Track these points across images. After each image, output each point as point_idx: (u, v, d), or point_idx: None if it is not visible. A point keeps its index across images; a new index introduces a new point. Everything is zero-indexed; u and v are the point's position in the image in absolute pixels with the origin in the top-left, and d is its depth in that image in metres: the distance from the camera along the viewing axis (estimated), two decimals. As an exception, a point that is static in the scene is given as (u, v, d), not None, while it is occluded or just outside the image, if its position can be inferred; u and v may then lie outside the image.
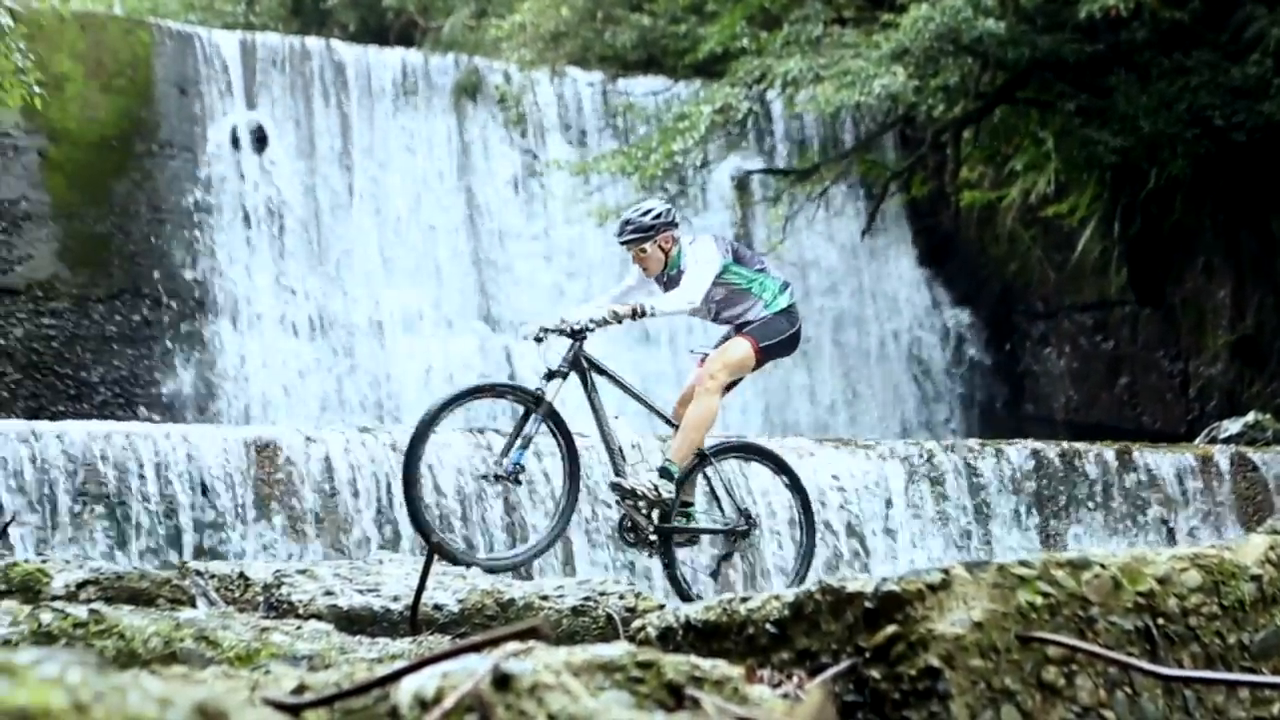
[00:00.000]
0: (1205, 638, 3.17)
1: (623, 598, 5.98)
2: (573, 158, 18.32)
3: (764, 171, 19.16)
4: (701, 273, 7.52)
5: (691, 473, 7.67)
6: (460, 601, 5.94)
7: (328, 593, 5.89)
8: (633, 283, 7.85)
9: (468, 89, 18.75)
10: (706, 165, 17.99)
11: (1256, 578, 3.28)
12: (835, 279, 19.56)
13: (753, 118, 17.69)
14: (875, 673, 2.89)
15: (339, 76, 18.16)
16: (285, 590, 5.91)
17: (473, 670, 2.19)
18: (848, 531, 9.88)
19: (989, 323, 19.85)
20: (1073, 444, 11.01)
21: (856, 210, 19.71)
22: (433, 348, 17.74)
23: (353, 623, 5.61)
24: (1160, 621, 3.12)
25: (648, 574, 9.01)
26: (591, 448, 8.11)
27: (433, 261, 18.10)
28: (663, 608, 4.92)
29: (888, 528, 10.03)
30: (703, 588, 8.01)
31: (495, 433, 9.20)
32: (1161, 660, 3.07)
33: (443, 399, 7.32)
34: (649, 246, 7.61)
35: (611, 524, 8.48)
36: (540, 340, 7.48)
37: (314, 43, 18.50)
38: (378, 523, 8.83)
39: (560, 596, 5.98)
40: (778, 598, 3.12)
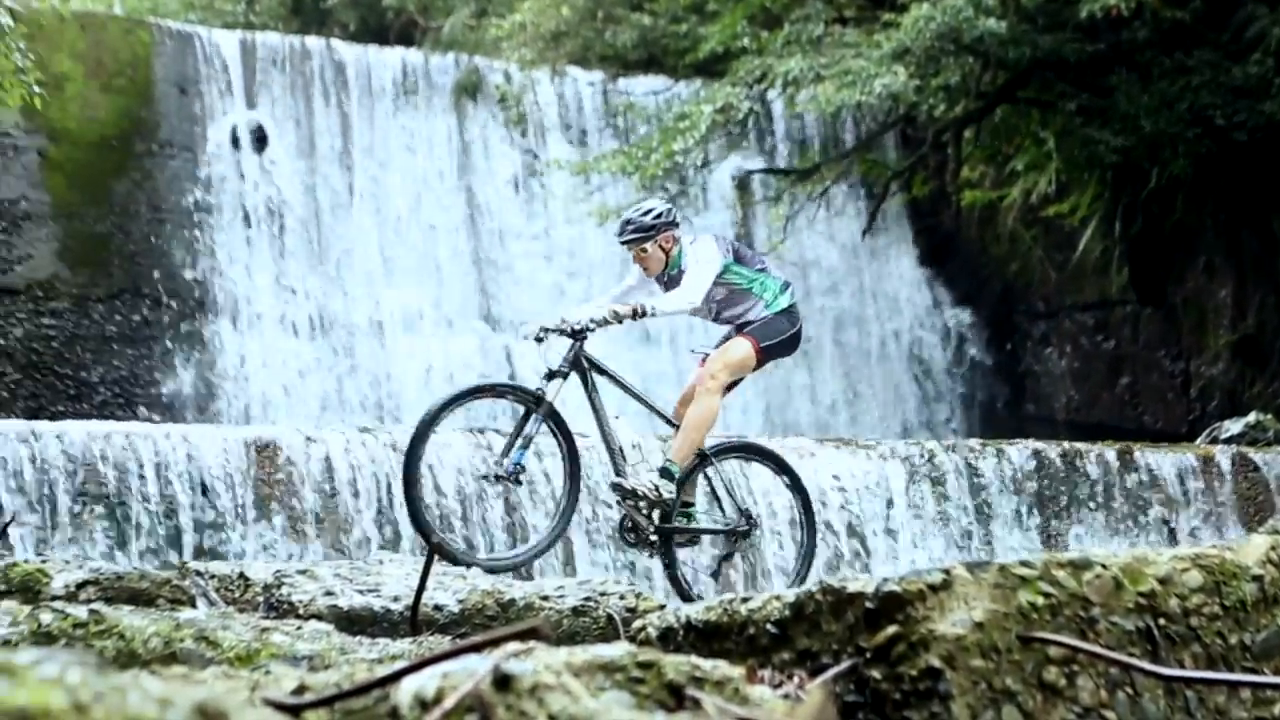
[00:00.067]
0: (1207, 638, 3.17)
1: (623, 598, 5.97)
2: (573, 157, 18.31)
3: (765, 171, 19.16)
4: (702, 272, 7.51)
5: (692, 473, 7.66)
6: (460, 602, 5.93)
7: (328, 593, 5.88)
8: (633, 282, 7.84)
9: (468, 88, 18.75)
10: (707, 165, 17.99)
11: (1258, 578, 3.28)
12: (836, 279, 19.55)
13: (753, 117, 17.68)
14: (876, 673, 2.89)
15: (339, 76, 18.15)
16: (285, 590, 5.90)
17: (473, 670, 2.19)
18: (849, 532, 9.87)
19: (990, 322, 19.84)
20: (1074, 444, 11.00)
21: (857, 210, 19.70)
22: (433, 347, 17.73)
23: (353, 623, 5.61)
24: (1161, 622, 3.11)
25: (648, 574, 9.00)
26: (592, 448, 8.10)
27: (433, 261, 18.09)
28: (663, 608, 4.92)
29: (889, 528, 10.02)
30: (703, 588, 8.01)
31: (495, 433, 9.20)
32: (1163, 661, 3.07)
33: (443, 399, 7.31)
34: (650, 246, 7.60)
35: (612, 524, 8.47)
36: (540, 340, 7.47)
37: (314, 42, 18.51)
38: (378, 523, 8.82)
39: (561, 597, 5.97)
40: (778, 598, 3.12)
